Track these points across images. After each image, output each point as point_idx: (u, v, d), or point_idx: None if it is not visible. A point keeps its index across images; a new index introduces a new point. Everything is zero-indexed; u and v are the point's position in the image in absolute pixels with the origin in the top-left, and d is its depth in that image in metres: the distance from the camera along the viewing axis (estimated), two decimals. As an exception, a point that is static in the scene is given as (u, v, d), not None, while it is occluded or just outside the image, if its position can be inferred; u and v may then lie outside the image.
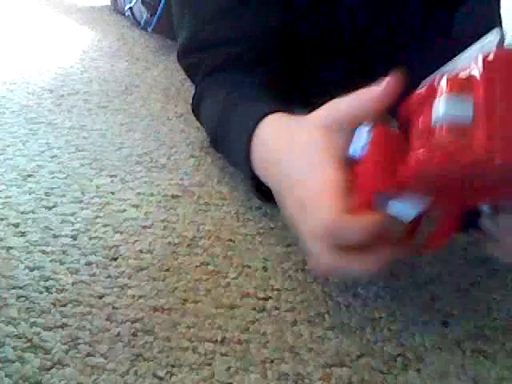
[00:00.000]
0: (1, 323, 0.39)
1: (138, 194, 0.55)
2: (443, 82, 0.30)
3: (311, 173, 0.37)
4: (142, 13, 1.03)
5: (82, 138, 0.66)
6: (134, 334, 0.39)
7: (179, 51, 0.62)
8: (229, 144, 0.54)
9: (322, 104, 0.39)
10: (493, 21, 0.62)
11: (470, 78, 0.29)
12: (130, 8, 1.08)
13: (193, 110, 0.65)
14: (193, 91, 0.64)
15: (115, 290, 0.43)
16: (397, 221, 0.33)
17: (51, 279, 0.44)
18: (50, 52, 0.95)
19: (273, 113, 0.46)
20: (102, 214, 0.52)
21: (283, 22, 0.58)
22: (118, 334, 0.39)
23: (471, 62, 0.30)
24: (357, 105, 0.36)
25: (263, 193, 0.49)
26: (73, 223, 0.50)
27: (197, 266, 0.45)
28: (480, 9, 0.59)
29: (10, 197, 0.54)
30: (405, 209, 0.33)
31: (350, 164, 0.35)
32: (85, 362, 0.37)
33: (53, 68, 0.88)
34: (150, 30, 1.03)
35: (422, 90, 0.33)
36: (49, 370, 0.36)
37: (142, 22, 1.04)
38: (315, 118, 0.39)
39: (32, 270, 0.45)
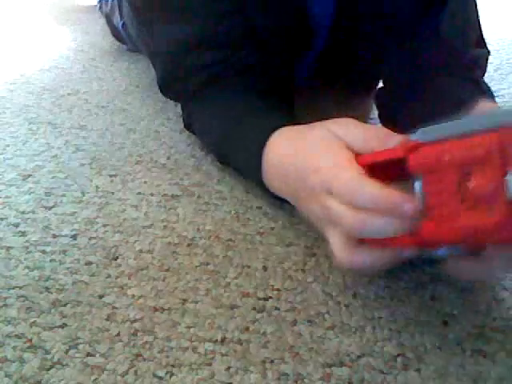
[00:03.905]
0: (1, 323, 0.39)
1: (138, 193, 0.55)
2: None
3: (326, 157, 0.38)
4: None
5: (81, 138, 0.66)
6: (134, 334, 0.39)
7: (160, 86, 0.63)
8: (238, 158, 0.54)
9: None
10: (471, 18, 0.62)
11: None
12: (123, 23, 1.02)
13: (187, 129, 0.65)
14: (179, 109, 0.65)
15: (115, 289, 0.43)
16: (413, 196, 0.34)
17: (51, 279, 0.44)
18: (50, 52, 0.95)
19: (282, 126, 0.47)
20: (101, 214, 0.52)
21: (245, 32, 0.57)
22: (118, 334, 0.39)
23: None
24: (365, 144, 0.38)
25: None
26: (73, 223, 0.50)
27: (197, 266, 0.45)
28: (458, 7, 0.59)
29: (9, 197, 0.54)
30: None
31: None
32: (85, 362, 0.37)
33: (53, 68, 0.88)
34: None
35: (436, 145, 0.32)
36: (48, 370, 0.36)
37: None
38: (328, 129, 0.40)
39: (32, 269, 0.45)
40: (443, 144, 0.32)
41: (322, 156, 0.39)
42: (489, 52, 0.62)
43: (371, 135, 0.38)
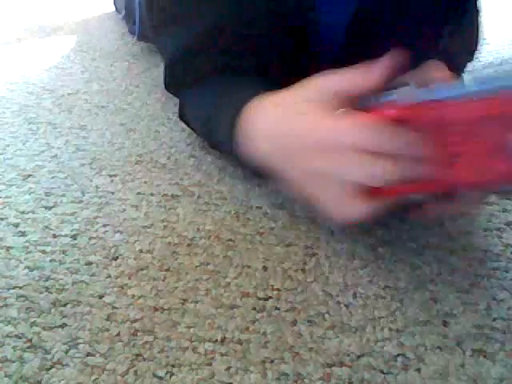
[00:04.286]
0: (0, 323, 0.39)
1: (138, 193, 0.55)
2: None
3: (324, 115, 0.39)
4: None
5: (81, 138, 0.66)
6: (134, 334, 0.39)
7: (165, 81, 0.63)
8: (217, 134, 0.55)
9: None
10: (473, 41, 0.63)
11: None
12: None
13: (181, 119, 0.65)
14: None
15: (115, 289, 0.43)
16: None
17: (51, 279, 0.44)
18: (49, 52, 0.95)
19: (256, 95, 0.47)
20: (101, 214, 0.52)
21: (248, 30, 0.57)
22: (118, 334, 0.39)
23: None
24: (350, 83, 0.38)
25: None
26: (73, 223, 0.50)
27: (197, 266, 0.45)
28: (462, 29, 0.59)
29: (9, 197, 0.54)
30: None
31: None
32: (85, 361, 0.37)
33: (53, 68, 0.88)
34: (135, 38, 0.99)
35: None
36: (48, 369, 0.36)
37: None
38: (305, 88, 0.41)
39: (32, 269, 0.45)
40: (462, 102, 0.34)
41: (318, 115, 0.39)
42: (472, 59, 0.64)
43: (348, 84, 0.39)
